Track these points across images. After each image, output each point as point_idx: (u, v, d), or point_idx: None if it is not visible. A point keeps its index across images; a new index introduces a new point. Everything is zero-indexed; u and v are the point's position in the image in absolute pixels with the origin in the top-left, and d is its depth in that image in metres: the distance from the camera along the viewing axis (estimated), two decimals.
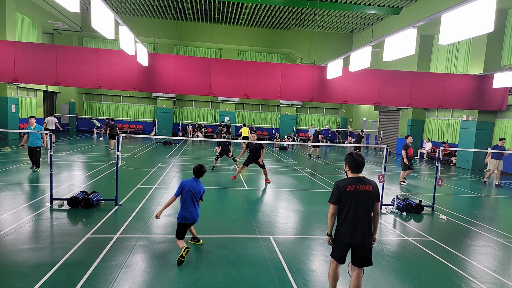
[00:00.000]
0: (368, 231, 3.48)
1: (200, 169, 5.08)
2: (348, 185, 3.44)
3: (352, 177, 3.53)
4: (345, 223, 3.46)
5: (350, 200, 3.42)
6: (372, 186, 3.49)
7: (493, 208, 9.12)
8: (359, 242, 3.44)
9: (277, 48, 26.89)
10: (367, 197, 3.44)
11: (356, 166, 3.52)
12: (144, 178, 10.13)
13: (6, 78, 12.72)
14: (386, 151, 7.64)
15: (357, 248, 3.49)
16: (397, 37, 9.18)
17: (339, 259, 3.60)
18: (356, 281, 3.57)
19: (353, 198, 3.42)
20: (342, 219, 3.48)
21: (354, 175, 3.54)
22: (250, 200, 8.31)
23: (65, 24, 22.44)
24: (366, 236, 3.46)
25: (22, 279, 4.02)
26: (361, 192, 3.43)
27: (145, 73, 13.72)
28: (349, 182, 3.47)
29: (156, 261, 4.68)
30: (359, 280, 3.58)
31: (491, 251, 5.75)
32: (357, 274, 3.59)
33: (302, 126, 30.23)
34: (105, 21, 8.39)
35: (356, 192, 3.42)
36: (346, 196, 3.43)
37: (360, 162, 3.51)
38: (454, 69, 18.04)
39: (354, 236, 3.43)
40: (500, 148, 11.54)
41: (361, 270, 3.59)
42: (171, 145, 20.22)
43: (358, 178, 3.50)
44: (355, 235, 3.43)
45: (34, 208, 6.70)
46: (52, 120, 16.74)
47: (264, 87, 14.39)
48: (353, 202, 3.42)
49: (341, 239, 3.51)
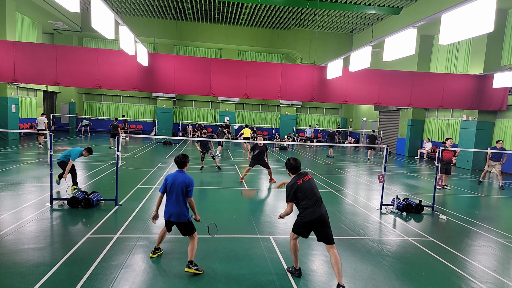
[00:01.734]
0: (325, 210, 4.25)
1: (182, 159, 4.53)
2: (297, 181, 4.27)
3: (295, 175, 4.38)
4: (307, 209, 4.16)
5: (305, 189, 4.22)
6: (310, 175, 4.41)
7: (493, 208, 9.12)
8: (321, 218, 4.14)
9: (277, 48, 26.89)
10: (313, 183, 4.36)
11: (294, 168, 4.40)
12: (144, 178, 10.13)
13: (6, 78, 12.73)
14: (386, 151, 7.64)
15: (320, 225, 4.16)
16: (397, 37, 9.18)
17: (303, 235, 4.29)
18: (334, 257, 4.10)
19: (306, 187, 4.24)
20: (304, 208, 4.19)
21: (295, 174, 4.39)
22: (250, 200, 8.31)
23: (65, 24, 22.44)
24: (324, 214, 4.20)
25: (22, 279, 4.02)
26: (309, 181, 4.31)
27: (145, 73, 13.72)
28: (296, 179, 4.31)
29: (156, 261, 4.67)
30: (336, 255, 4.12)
31: (491, 251, 5.74)
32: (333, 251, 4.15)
33: (302, 126, 30.25)
34: (105, 21, 8.40)
35: (305, 182, 4.28)
36: (300, 190, 4.22)
37: (295, 166, 4.40)
38: (454, 69, 18.04)
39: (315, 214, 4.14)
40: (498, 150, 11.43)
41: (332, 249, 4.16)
42: (171, 145, 20.22)
43: (299, 174, 4.38)
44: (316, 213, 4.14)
45: (34, 208, 6.69)
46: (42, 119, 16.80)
47: (264, 87, 14.40)
48: (307, 190, 4.23)
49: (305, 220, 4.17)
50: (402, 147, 21.51)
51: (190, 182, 4.41)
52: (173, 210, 4.34)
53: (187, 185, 4.37)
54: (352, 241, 5.80)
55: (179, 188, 4.33)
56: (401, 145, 21.70)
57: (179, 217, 4.34)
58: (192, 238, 4.45)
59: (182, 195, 4.35)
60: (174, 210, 4.33)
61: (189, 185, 4.39)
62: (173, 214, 4.34)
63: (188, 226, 4.43)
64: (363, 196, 9.48)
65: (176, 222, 4.38)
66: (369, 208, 8.11)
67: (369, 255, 5.25)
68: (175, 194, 4.34)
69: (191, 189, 4.40)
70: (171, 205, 4.36)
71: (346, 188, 10.40)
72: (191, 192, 4.41)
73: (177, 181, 4.36)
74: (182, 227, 4.43)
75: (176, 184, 4.35)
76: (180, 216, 4.34)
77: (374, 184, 11.16)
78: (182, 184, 4.35)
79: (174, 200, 4.34)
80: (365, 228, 6.56)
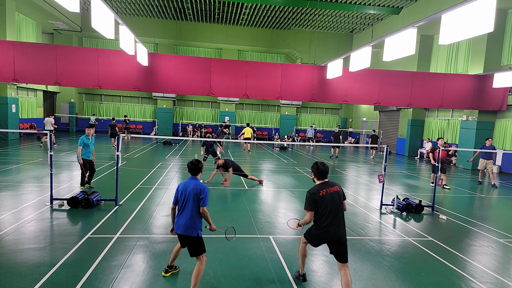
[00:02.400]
0: (344, 228, 3.85)
1: (196, 165, 4.00)
2: (320, 191, 3.81)
3: (320, 183, 3.91)
4: (324, 224, 3.78)
5: (326, 203, 3.77)
6: (338, 187, 3.93)
7: (493, 208, 9.11)
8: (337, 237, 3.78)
9: (277, 48, 26.90)
10: (338, 197, 3.86)
11: (321, 174, 3.92)
12: (144, 178, 10.13)
13: (6, 78, 12.73)
14: (386, 151, 7.64)
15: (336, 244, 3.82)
16: (397, 37, 9.18)
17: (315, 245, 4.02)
18: (345, 277, 3.77)
19: (328, 200, 3.77)
20: (321, 222, 3.81)
21: (321, 182, 3.92)
22: (250, 200, 8.31)
23: (65, 24, 22.44)
24: (342, 232, 3.81)
25: (22, 279, 4.02)
26: (332, 194, 3.82)
27: (145, 73, 13.72)
28: (319, 188, 3.84)
29: (156, 261, 4.67)
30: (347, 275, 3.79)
31: (491, 251, 5.74)
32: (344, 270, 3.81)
33: (302, 126, 30.26)
34: (105, 21, 8.40)
35: (329, 194, 3.80)
36: (321, 201, 3.78)
37: (324, 171, 3.92)
38: (454, 69, 18.03)
39: (332, 233, 3.77)
40: (488, 148, 11.43)
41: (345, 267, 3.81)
42: (171, 145, 20.22)
43: (325, 183, 3.90)
44: (333, 232, 3.77)
45: (34, 208, 6.70)
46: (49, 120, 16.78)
47: (264, 87, 14.40)
48: (329, 204, 3.77)
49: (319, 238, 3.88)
50: (402, 147, 21.52)
51: (202, 189, 3.87)
52: (181, 220, 3.84)
53: (198, 193, 3.85)
54: (352, 241, 5.80)
55: (190, 197, 3.85)
56: (401, 145, 21.70)
57: (186, 229, 3.81)
58: (199, 261, 3.85)
59: (194, 205, 3.84)
60: (182, 221, 3.83)
61: (201, 193, 3.85)
62: (180, 225, 3.84)
63: (197, 242, 3.86)
64: (363, 196, 9.48)
65: (183, 235, 3.85)
66: (369, 208, 8.11)
67: (369, 255, 5.25)
68: (185, 203, 3.86)
69: (204, 197, 3.85)
70: (180, 216, 3.89)
71: (346, 188, 10.39)
72: (204, 200, 3.85)
73: (188, 189, 3.87)
74: (190, 242, 3.87)
75: (187, 192, 3.86)
76: (187, 229, 3.80)
77: (374, 184, 11.16)
78: (194, 192, 3.84)
79: (184, 210, 3.87)
80: (365, 228, 6.56)
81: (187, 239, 3.86)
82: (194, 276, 3.78)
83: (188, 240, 3.87)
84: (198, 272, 3.79)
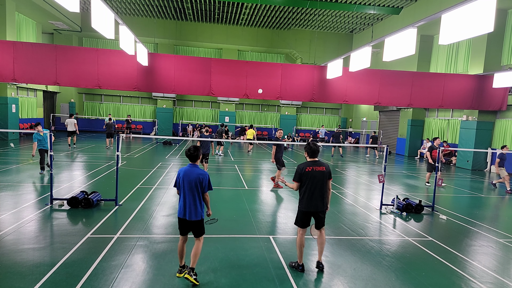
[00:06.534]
0: (321, 201, 4.46)
1: (194, 152, 4.11)
2: (307, 167, 4.42)
3: (310, 160, 4.51)
4: (305, 196, 4.44)
5: (309, 178, 4.39)
6: (325, 167, 4.49)
7: (493, 208, 9.12)
8: (315, 209, 4.45)
9: (277, 48, 26.89)
10: (322, 176, 4.43)
11: (313, 152, 4.51)
12: (144, 178, 10.13)
13: (6, 78, 12.73)
14: (386, 151, 7.64)
15: (315, 214, 4.49)
16: (397, 37, 9.18)
17: (302, 225, 4.54)
18: (321, 237, 4.61)
19: (310, 177, 4.40)
20: (303, 194, 4.46)
21: (311, 159, 4.51)
22: (250, 200, 8.31)
23: (65, 24, 22.44)
24: (320, 205, 4.45)
25: (22, 279, 4.02)
26: (316, 172, 4.41)
27: (145, 73, 13.72)
28: (307, 164, 4.46)
29: (156, 261, 4.67)
30: (323, 236, 4.63)
31: (491, 251, 5.74)
32: (320, 232, 4.61)
33: (302, 126, 30.25)
34: (105, 21, 8.40)
35: (313, 172, 4.40)
36: (305, 175, 4.40)
37: (315, 150, 4.52)
38: (454, 69, 18.03)
39: (311, 205, 4.43)
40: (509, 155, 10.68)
41: (321, 230, 4.62)
42: (171, 145, 20.22)
43: (314, 161, 4.49)
44: (312, 205, 4.43)
45: (34, 208, 6.70)
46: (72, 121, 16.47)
47: (264, 87, 14.40)
48: (313, 180, 4.39)
49: (303, 209, 4.48)
50: (402, 147, 21.52)
51: (204, 176, 4.09)
52: (186, 206, 4.09)
53: (201, 181, 4.06)
54: (352, 241, 5.80)
55: (192, 184, 4.04)
56: (401, 145, 21.69)
57: (190, 215, 4.08)
58: (198, 241, 4.19)
59: (197, 192, 4.07)
60: (187, 208, 4.08)
61: (203, 180, 4.09)
62: (184, 211, 4.10)
63: (201, 225, 4.18)
64: (363, 196, 9.48)
65: (188, 220, 4.11)
66: (369, 208, 8.11)
67: (369, 255, 5.25)
68: (188, 191, 4.06)
69: (206, 184, 4.12)
70: (183, 202, 4.10)
71: (346, 188, 10.40)
72: (206, 187, 4.13)
73: (191, 177, 4.05)
74: (194, 226, 4.15)
75: (189, 180, 4.05)
76: (191, 215, 4.08)
77: (374, 184, 11.16)
78: (196, 180, 4.05)
79: (187, 197, 4.07)
80: (365, 228, 6.56)
81: (191, 223, 4.15)
82: (194, 254, 4.13)
83: (191, 224, 4.16)
84: (197, 251, 4.16)
